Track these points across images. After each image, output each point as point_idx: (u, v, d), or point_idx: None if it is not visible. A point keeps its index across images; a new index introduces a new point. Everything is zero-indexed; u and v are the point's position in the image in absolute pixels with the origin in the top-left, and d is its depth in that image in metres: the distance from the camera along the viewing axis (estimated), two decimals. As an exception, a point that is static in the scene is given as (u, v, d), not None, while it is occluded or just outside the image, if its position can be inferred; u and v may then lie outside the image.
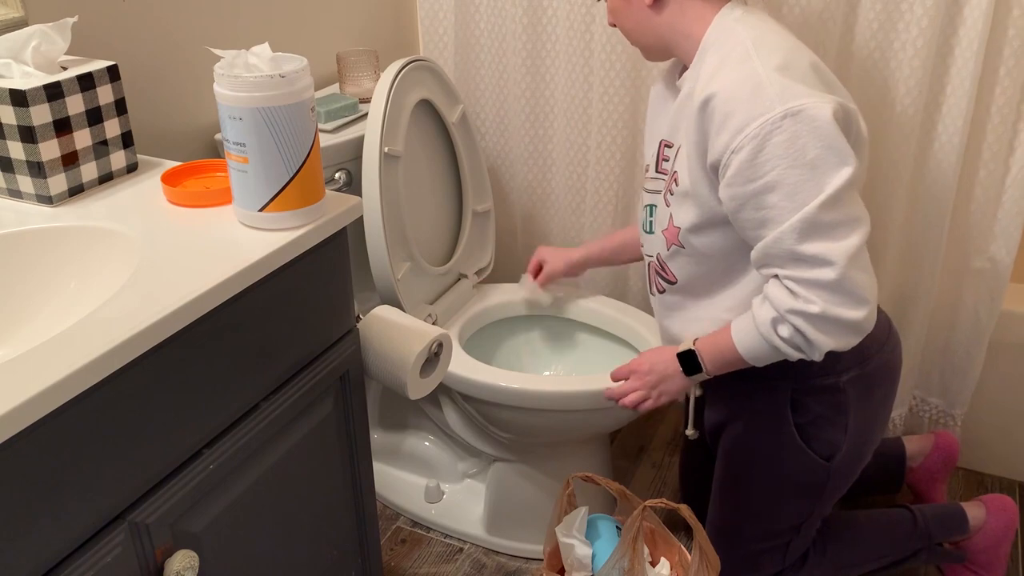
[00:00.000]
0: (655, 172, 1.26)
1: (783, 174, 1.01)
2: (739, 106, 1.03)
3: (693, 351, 1.18)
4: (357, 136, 1.46)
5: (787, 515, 1.31)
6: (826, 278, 1.02)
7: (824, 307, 1.03)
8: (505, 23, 1.74)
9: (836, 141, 1.01)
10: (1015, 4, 1.38)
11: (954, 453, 1.60)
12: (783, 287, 1.06)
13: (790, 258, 1.04)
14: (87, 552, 0.72)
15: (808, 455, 1.24)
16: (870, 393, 1.24)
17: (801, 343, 1.07)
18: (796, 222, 1.02)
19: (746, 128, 1.02)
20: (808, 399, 1.22)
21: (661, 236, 1.23)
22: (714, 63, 1.09)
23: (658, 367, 1.23)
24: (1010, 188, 1.51)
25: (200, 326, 0.80)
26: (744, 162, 1.03)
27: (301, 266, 0.92)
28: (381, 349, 1.08)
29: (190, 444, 0.83)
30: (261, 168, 0.88)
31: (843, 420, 1.23)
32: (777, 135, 1.01)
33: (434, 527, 1.67)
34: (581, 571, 1.23)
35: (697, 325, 1.24)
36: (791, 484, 1.28)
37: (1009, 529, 1.46)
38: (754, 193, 1.04)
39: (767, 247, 1.05)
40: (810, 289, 1.03)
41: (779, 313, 1.06)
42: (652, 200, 1.26)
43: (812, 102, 1.01)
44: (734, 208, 1.07)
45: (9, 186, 0.99)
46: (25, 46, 0.96)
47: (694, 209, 1.14)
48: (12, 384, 0.64)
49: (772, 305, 1.07)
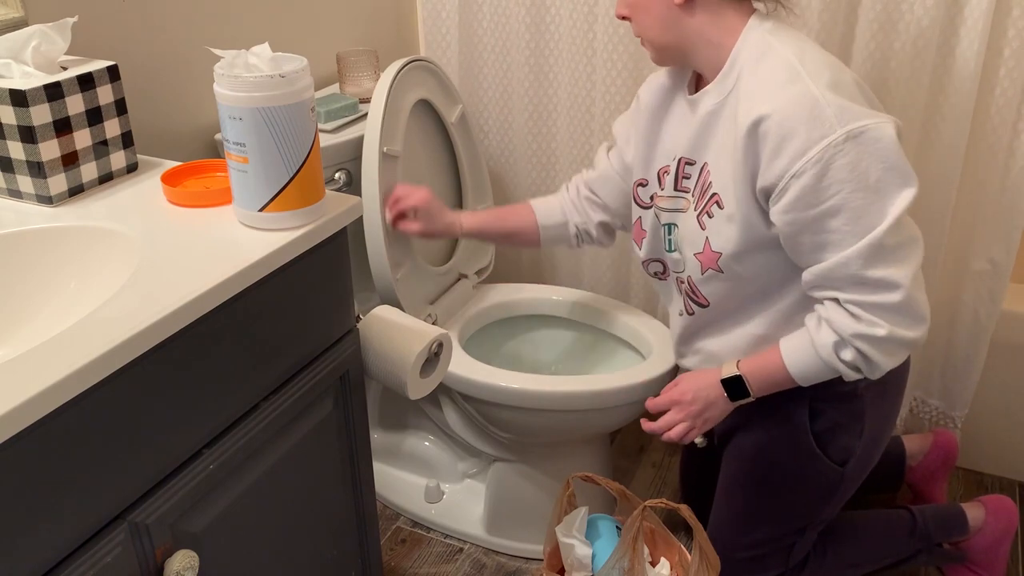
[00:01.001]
0: (673, 191, 1.21)
1: (847, 198, 0.99)
2: (797, 128, 0.99)
3: (741, 377, 1.15)
4: (357, 136, 1.46)
5: (796, 518, 1.31)
6: (892, 301, 1.01)
7: (891, 330, 1.02)
8: (509, 22, 1.74)
9: (899, 161, 0.99)
10: (1015, 4, 1.38)
11: (953, 452, 1.60)
12: (843, 310, 1.04)
13: (855, 282, 1.02)
14: (87, 552, 0.72)
15: (824, 462, 1.23)
16: (883, 398, 1.24)
17: (863, 365, 1.06)
18: (863, 247, 1.00)
19: (808, 152, 0.98)
20: (827, 407, 1.21)
21: (694, 260, 1.18)
22: (755, 81, 1.05)
23: (701, 394, 1.19)
24: (1010, 189, 1.51)
25: (200, 326, 0.80)
26: (806, 187, 1.00)
27: (301, 266, 0.92)
28: (381, 349, 1.08)
29: (190, 444, 0.83)
30: (261, 168, 0.88)
31: (859, 426, 1.22)
32: (840, 158, 0.98)
33: (434, 527, 1.67)
34: (581, 571, 1.23)
35: (725, 345, 1.22)
36: (804, 489, 1.27)
37: (1009, 530, 1.45)
38: (816, 218, 1.01)
39: (828, 271, 1.03)
40: (875, 313, 1.02)
41: (842, 337, 1.05)
42: (672, 219, 1.22)
43: (873, 123, 0.98)
44: (791, 233, 1.04)
45: (9, 186, 0.98)
46: (25, 46, 0.96)
47: (740, 234, 1.10)
48: (12, 384, 0.64)
49: (834, 329, 1.05)
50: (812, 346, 1.08)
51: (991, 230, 1.56)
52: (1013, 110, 1.46)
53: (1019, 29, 1.39)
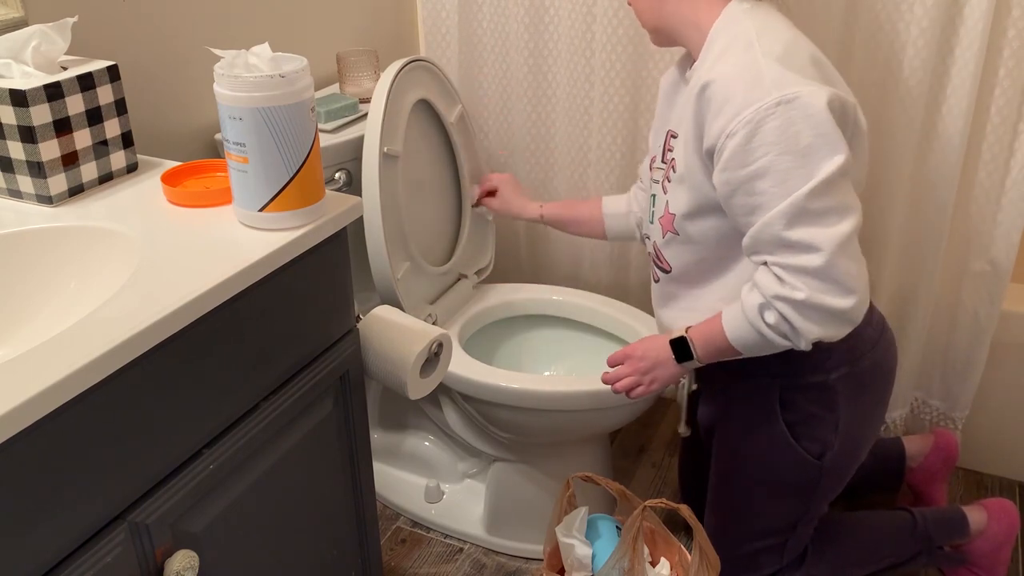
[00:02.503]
0: (660, 162, 1.27)
1: (774, 160, 1.02)
2: (736, 92, 1.04)
3: (685, 338, 1.19)
4: (357, 136, 1.46)
5: (782, 513, 1.31)
6: (812, 264, 1.02)
7: (809, 294, 1.03)
8: (508, 22, 1.74)
9: (829, 129, 1.02)
10: (1015, 4, 1.38)
11: (954, 452, 1.60)
12: (771, 273, 1.06)
13: (778, 244, 1.05)
14: (87, 552, 0.72)
15: (799, 453, 1.24)
16: (862, 392, 1.24)
17: (787, 330, 1.07)
18: (785, 207, 1.02)
19: (741, 113, 1.02)
20: (798, 396, 1.23)
21: (657, 224, 1.24)
22: (717, 52, 1.10)
23: (651, 353, 1.23)
24: (1010, 190, 1.51)
25: (200, 326, 0.80)
26: (737, 147, 1.03)
27: (301, 266, 0.92)
28: (381, 349, 1.08)
29: (190, 444, 0.83)
30: (261, 168, 0.88)
31: (833, 418, 1.23)
32: (771, 121, 1.01)
33: (434, 527, 1.67)
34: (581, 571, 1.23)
35: (691, 314, 1.24)
36: (783, 482, 1.28)
37: (1010, 533, 1.45)
38: (746, 178, 1.04)
39: (756, 233, 1.06)
40: (796, 275, 1.04)
41: (766, 299, 1.07)
42: (655, 189, 1.27)
43: (807, 91, 1.02)
44: (727, 193, 1.08)
45: (9, 186, 0.98)
46: (25, 46, 0.96)
47: (688, 194, 1.15)
48: (12, 384, 0.64)
49: (759, 291, 1.07)
50: (742, 309, 1.11)
51: (991, 230, 1.56)
52: (1013, 110, 1.46)
53: (1019, 29, 1.39)
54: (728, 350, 1.16)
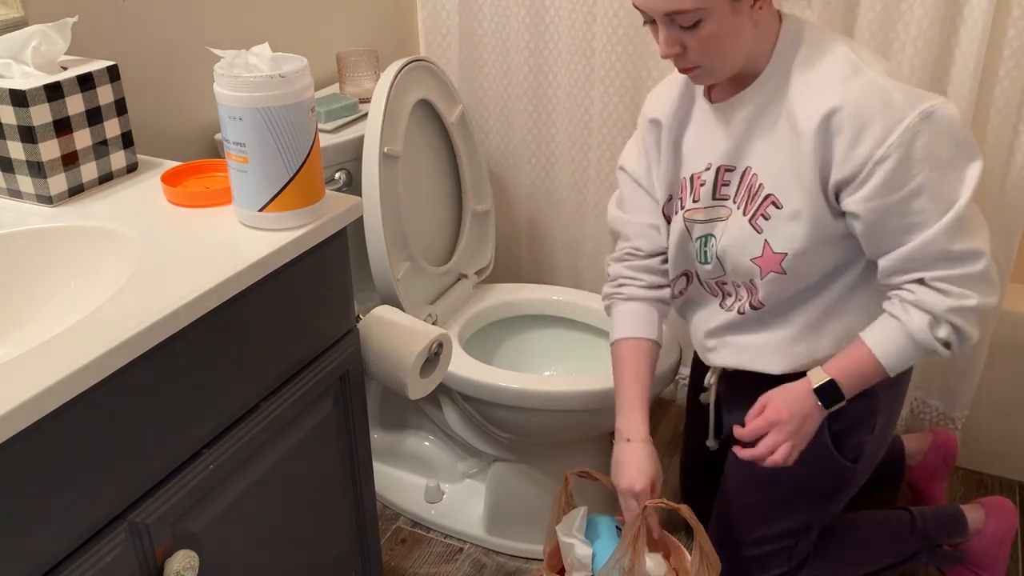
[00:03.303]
0: (711, 200, 1.17)
1: (928, 177, 1.01)
2: (874, 117, 1.00)
3: (834, 381, 1.11)
4: (357, 136, 1.46)
5: (803, 516, 1.30)
6: (977, 271, 1.03)
7: (980, 300, 1.04)
8: (508, 22, 1.74)
9: (966, 136, 1.03)
10: (1015, 4, 1.38)
11: (953, 451, 1.60)
12: (931, 290, 1.05)
13: (941, 258, 1.04)
14: (87, 552, 0.72)
15: (838, 460, 1.23)
16: (893, 395, 1.25)
17: (954, 339, 1.07)
18: (948, 222, 1.02)
19: (889, 137, 0.99)
20: (845, 406, 1.18)
21: (750, 266, 1.15)
22: (815, 77, 1.04)
23: (796, 409, 1.13)
24: (1010, 189, 1.51)
25: (200, 326, 0.80)
26: (891, 171, 1.00)
27: (301, 266, 0.92)
28: (381, 349, 1.08)
29: (190, 444, 0.83)
30: (261, 168, 0.88)
31: (871, 423, 1.23)
32: (919, 139, 0.99)
33: (434, 527, 1.67)
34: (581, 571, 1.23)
35: (764, 336, 1.20)
36: (815, 488, 1.27)
37: (1009, 531, 1.46)
38: (901, 201, 1.02)
39: (914, 252, 1.04)
40: (964, 285, 1.04)
41: (935, 316, 1.05)
42: (708, 230, 1.19)
43: (940, 102, 1.01)
44: (874, 220, 1.04)
45: (9, 186, 0.98)
46: (25, 46, 0.96)
47: (807, 231, 1.08)
48: (12, 384, 0.64)
49: (925, 310, 1.06)
50: (903, 332, 1.08)
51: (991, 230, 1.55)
52: (1013, 110, 1.46)
53: (1019, 29, 1.39)
54: (875, 376, 1.12)
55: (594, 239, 1.85)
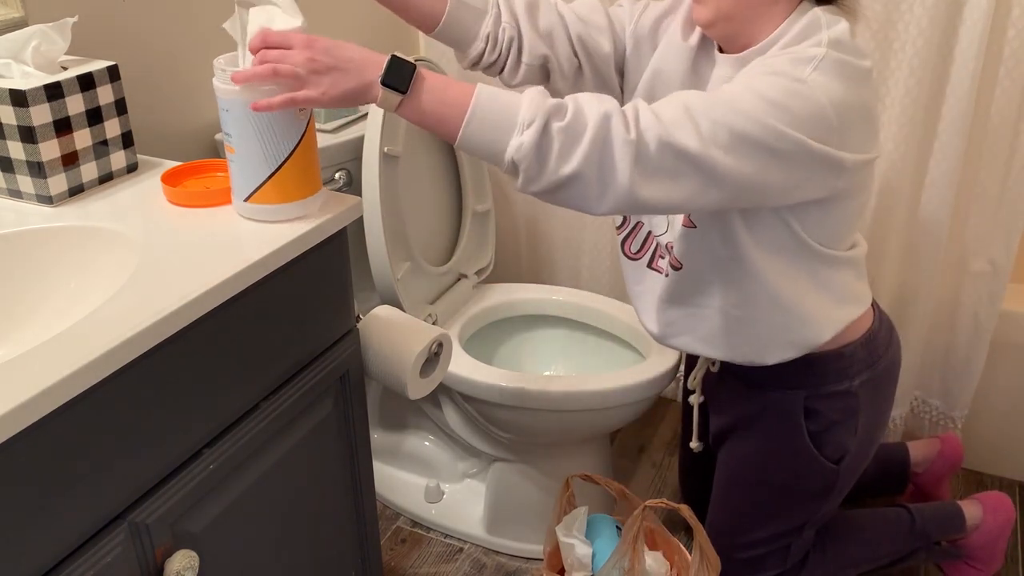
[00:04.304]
0: None
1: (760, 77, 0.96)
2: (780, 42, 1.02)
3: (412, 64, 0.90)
4: (357, 136, 1.46)
5: (794, 517, 1.31)
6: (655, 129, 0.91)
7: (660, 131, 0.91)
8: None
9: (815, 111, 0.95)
10: (1015, 4, 1.38)
11: (959, 457, 1.60)
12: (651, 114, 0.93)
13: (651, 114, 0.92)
14: (87, 552, 0.72)
15: (820, 461, 1.24)
16: (878, 394, 1.25)
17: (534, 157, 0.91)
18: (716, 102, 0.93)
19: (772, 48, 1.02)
20: (821, 406, 1.21)
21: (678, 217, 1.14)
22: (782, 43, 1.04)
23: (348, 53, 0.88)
24: (1010, 189, 1.51)
25: (200, 326, 0.80)
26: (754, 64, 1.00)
27: (301, 266, 0.92)
28: (381, 349, 1.08)
29: (190, 444, 0.83)
30: (244, 159, 0.90)
31: (853, 423, 1.23)
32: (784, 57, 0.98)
33: (434, 527, 1.67)
34: (581, 571, 1.23)
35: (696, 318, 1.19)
36: (801, 488, 1.27)
37: (1006, 526, 1.46)
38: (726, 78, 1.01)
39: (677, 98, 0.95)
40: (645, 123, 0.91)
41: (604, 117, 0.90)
42: None
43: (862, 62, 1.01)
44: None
45: (9, 186, 0.99)
46: (25, 46, 0.96)
47: None
48: (12, 384, 0.64)
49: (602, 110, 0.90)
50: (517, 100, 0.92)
51: (991, 230, 1.56)
52: (1013, 110, 1.46)
53: (1019, 29, 1.39)
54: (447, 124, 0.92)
55: (594, 239, 1.85)
